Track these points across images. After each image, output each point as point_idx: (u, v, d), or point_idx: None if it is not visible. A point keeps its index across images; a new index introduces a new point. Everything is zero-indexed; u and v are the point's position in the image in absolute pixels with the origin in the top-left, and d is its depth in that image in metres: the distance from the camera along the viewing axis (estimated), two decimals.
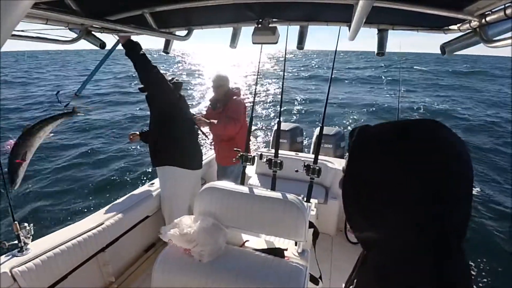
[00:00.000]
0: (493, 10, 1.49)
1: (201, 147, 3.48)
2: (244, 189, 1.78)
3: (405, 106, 17.09)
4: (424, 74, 36.71)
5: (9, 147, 2.19)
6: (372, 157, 0.61)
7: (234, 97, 3.60)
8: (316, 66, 52.59)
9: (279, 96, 3.03)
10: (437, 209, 0.55)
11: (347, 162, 0.66)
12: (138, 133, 3.32)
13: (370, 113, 15.95)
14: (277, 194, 1.72)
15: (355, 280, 0.67)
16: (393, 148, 0.60)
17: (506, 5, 1.32)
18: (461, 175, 0.56)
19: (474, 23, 1.66)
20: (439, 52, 2.09)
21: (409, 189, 0.57)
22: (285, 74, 3.07)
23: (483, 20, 1.57)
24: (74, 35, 2.29)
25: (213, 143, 3.97)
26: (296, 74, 37.22)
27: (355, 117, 15.17)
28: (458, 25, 1.91)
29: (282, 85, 3.05)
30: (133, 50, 2.73)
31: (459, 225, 0.57)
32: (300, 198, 1.74)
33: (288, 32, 2.71)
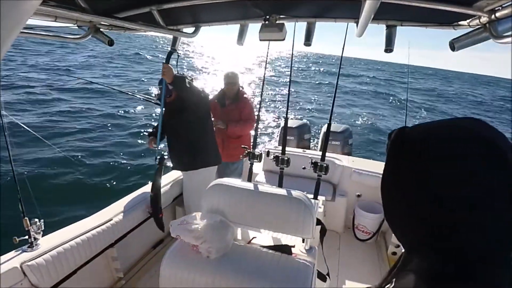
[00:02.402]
0: (503, 6, 1.47)
1: None
2: (252, 186, 1.78)
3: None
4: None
5: (148, 211, 2.96)
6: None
7: (245, 96, 3.61)
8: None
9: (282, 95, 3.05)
10: (424, 208, 0.55)
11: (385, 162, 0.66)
12: (151, 137, 3.28)
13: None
14: (284, 191, 1.72)
15: (393, 279, 0.66)
16: (397, 149, 0.62)
17: None
18: (448, 177, 0.53)
19: (484, 19, 1.65)
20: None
21: (408, 189, 0.58)
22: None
23: (493, 16, 1.55)
24: (83, 33, 2.30)
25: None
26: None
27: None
28: (468, 20, 1.88)
29: (289, 82, 3.04)
30: (179, 86, 2.78)
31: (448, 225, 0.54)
32: (307, 195, 1.74)
33: (295, 29, 2.70)
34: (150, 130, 3.39)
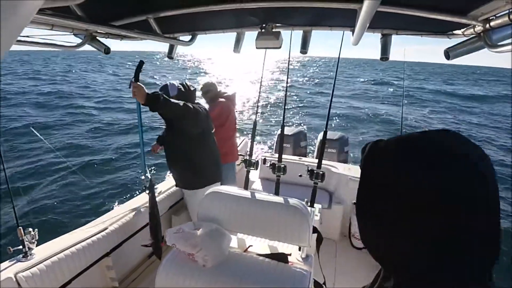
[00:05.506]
0: (497, 15, 1.48)
1: None
2: (248, 194, 1.77)
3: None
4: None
5: (149, 240, 2.73)
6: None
7: (218, 100, 3.67)
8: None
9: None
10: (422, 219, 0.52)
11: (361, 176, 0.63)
12: (155, 143, 3.25)
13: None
14: (280, 199, 1.72)
15: None
16: (372, 162, 0.61)
17: (511, 10, 1.32)
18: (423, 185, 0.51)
19: (478, 28, 1.66)
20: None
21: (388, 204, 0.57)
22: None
23: (487, 25, 1.56)
24: (79, 41, 2.30)
25: None
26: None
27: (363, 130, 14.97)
28: (462, 30, 1.90)
29: (286, 89, 3.05)
30: (155, 106, 2.45)
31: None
32: (303, 203, 1.74)
33: (291, 37, 2.71)
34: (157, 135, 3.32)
